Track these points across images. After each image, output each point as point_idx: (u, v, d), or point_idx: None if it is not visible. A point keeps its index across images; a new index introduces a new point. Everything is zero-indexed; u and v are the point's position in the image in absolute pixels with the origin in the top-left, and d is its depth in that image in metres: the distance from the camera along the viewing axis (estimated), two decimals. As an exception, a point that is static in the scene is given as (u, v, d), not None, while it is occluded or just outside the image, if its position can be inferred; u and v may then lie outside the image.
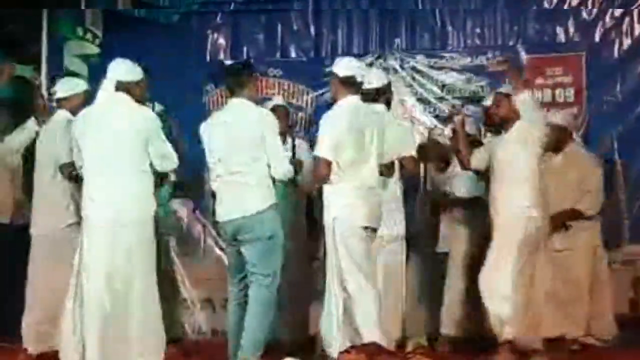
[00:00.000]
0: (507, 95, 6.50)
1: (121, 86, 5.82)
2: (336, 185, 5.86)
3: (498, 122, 6.63)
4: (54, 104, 6.63)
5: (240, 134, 5.78)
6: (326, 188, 5.92)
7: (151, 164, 5.76)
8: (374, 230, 5.97)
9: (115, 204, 5.64)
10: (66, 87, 6.64)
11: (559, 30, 8.70)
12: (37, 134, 6.70)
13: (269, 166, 5.78)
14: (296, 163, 6.30)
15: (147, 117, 5.78)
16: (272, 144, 5.79)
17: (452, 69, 8.80)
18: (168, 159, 5.85)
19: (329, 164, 5.83)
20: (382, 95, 6.53)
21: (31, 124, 6.83)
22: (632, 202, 8.26)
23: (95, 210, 5.67)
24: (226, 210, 5.84)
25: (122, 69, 5.88)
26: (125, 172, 5.68)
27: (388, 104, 6.64)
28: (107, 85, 5.86)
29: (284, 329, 6.72)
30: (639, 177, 8.33)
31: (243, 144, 5.77)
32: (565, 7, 8.69)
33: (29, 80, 7.99)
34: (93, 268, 5.61)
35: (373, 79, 6.53)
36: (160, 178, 6.11)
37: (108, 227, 5.62)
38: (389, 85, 6.75)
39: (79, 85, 6.71)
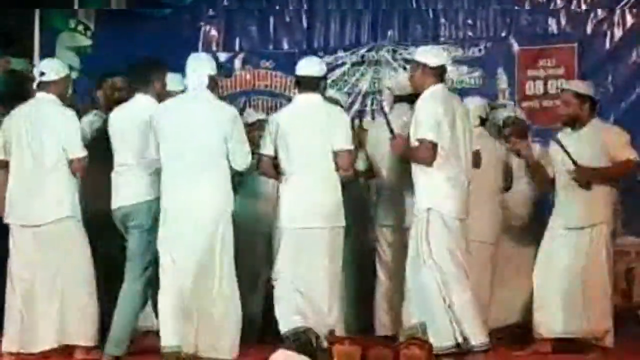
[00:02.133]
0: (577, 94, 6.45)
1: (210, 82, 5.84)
2: (431, 174, 5.83)
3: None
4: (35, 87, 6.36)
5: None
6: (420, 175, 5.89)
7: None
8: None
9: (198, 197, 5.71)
10: (56, 70, 6.38)
11: (551, 21, 8.71)
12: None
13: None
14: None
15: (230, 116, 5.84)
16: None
17: (444, 61, 8.80)
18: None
19: (435, 146, 5.77)
20: None
21: None
22: (624, 195, 8.25)
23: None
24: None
25: (211, 64, 5.91)
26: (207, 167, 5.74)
27: None
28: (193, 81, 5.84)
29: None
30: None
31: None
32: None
33: (23, 73, 7.96)
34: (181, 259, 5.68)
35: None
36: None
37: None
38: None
39: (64, 68, 6.55)
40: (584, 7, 8.63)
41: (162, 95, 6.01)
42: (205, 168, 5.72)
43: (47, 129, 6.17)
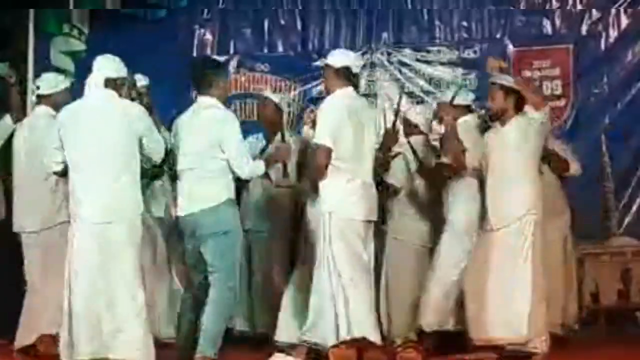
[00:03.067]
0: (502, 87, 6.30)
1: (110, 83, 5.74)
2: (332, 178, 5.82)
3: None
4: (34, 99, 6.58)
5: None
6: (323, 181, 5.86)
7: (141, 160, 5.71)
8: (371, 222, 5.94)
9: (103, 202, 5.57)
10: (50, 84, 6.57)
11: (546, 22, 8.71)
12: (14, 131, 6.65)
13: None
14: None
15: (138, 114, 5.72)
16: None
17: (440, 63, 8.81)
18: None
19: (329, 152, 5.79)
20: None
21: (7, 120, 6.78)
22: (621, 195, 8.27)
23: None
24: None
25: (111, 66, 5.81)
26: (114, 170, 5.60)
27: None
28: (95, 82, 5.75)
29: None
30: (626, 169, 8.34)
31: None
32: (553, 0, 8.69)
33: (4, 78, 7.93)
34: (81, 267, 5.54)
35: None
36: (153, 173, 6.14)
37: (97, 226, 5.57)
38: None
39: (62, 82, 6.66)
40: (578, 8, 8.63)
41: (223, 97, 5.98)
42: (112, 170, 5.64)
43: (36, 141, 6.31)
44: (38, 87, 6.55)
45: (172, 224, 6.55)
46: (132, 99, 6.01)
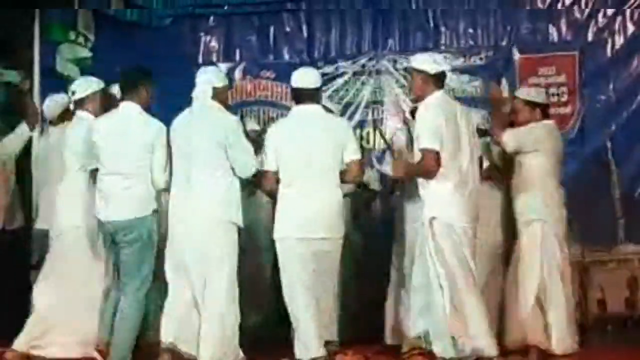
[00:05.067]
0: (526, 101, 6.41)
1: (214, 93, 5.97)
2: (436, 181, 5.76)
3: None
4: (72, 106, 6.58)
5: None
6: (425, 185, 5.82)
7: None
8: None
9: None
10: (84, 87, 6.58)
11: (552, 30, 8.71)
12: (31, 137, 6.69)
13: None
14: None
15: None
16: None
17: (445, 70, 8.79)
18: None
19: (438, 154, 5.71)
20: None
21: (24, 128, 6.83)
22: (627, 202, 8.25)
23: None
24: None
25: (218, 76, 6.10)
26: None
27: None
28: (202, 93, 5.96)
29: None
30: (632, 176, 8.32)
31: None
32: (558, 6, 8.68)
33: (17, 86, 7.95)
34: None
35: None
36: None
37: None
38: None
39: (95, 84, 6.67)
40: (584, 15, 8.62)
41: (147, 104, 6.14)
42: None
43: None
44: (73, 93, 6.55)
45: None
46: None
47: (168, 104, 7.20)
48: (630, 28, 8.53)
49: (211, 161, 5.84)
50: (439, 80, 5.95)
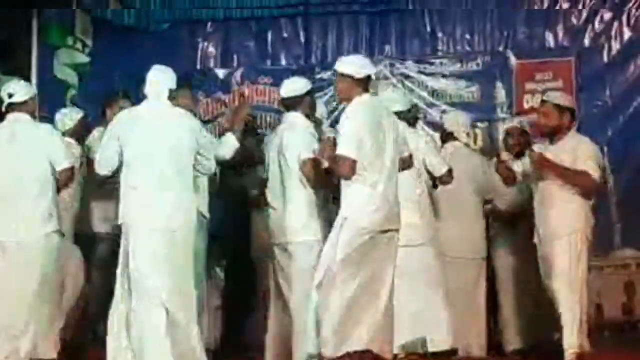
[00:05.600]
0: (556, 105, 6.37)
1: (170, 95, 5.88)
2: (356, 183, 5.70)
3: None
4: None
5: None
6: (345, 184, 5.74)
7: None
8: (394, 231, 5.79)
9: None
10: (25, 90, 6.43)
11: (548, 35, 8.73)
12: None
13: None
14: None
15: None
16: None
17: (442, 75, 8.83)
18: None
19: (354, 162, 5.64)
20: None
21: None
22: (623, 207, 8.27)
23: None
24: None
25: (172, 78, 5.93)
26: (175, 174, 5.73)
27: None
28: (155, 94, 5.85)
29: None
30: (629, 181, 8.34)
31: None
32: (554, 12, 8.69)
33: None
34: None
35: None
36: None
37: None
38: None
39: (33, 88, 6.64)
40: (581, 20, 8.64)
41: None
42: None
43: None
44: (11, 95, 6.33)
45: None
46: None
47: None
48: (627, 34, 8.54)
49: (173, 163, 5.72)
50: (364, 83, 5.85)
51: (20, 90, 6.39)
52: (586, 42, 8.66)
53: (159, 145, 5.67)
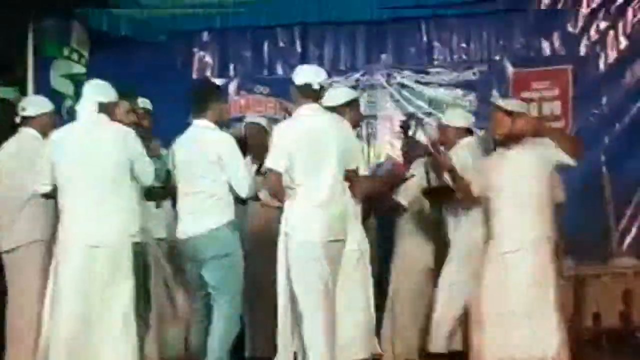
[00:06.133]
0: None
1: (102, 107, 5.78)
2: (292, 198, 5.59)
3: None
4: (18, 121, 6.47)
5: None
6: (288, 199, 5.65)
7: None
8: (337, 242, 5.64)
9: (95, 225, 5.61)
10: (38, 106, 6.53)
11: (545, 44, 8.73)
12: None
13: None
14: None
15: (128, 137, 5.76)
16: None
17: (439, 84, 8.83)
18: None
19: (280, 175, 5.55)
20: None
21: None
22: (621, 215, 8.27)
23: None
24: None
25: (102, 91, 5.85)
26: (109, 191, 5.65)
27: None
28: (86, 106, 5.81)
29: None
30: (626, 190, 8.34)
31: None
32: (551, 21, 8.70)
33: (12, 102, 7.94)
34: (67, 290, 5.55)
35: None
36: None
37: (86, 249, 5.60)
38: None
39: (48, 104, 6.64)
40: (577, 29, 8.65)
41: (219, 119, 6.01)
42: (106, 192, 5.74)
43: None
44: (23, 109, 6.48)
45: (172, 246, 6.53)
46: (134, 123, 6.06)
47: (163, 120, 7.25)
48: (623, 42, 8.55)
49: (99, 179, 5.69)
50: (305, 92, 5.72)
51: (30, 105, 6.55)
52: (582, 50, 8.65)
53: (85, 163, 5.63)
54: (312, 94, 5.67)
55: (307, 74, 5.74)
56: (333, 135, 5.61)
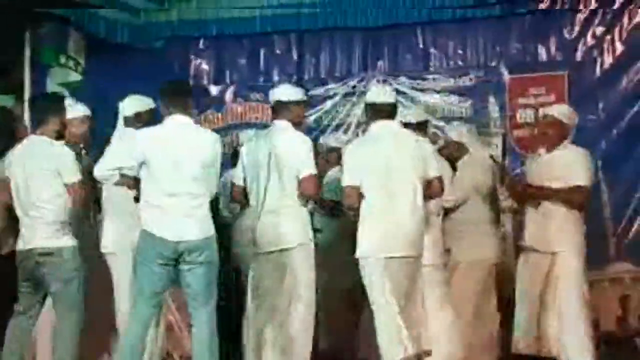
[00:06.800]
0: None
1: None
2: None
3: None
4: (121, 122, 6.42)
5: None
6: None
7: None
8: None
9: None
10: (138, 104, 6.45)
11: (541, 49, 8.73)
12: None
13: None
14: None
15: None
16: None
17: (435, 91, 8.83)
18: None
19: (241, 188, 6.23)
20: None
21: None
22: (618, 221, 8.26)
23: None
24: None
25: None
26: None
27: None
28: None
29: None
30: (623, 195, 8.33)
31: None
32: (547, 26, 8.70)
33: (11, 110, 7.94)
34: None
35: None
36: None
37: None
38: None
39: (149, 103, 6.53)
40: (573, 34, 8.64)
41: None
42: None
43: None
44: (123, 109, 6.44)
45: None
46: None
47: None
48: (619, 47, 8.55)
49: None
50: (275, 108, 6.25)
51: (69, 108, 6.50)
52: (579, 56, 8.65)
53: (26, 175, 5.90)
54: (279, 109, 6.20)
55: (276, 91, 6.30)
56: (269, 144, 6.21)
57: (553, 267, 6.37)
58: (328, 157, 7.44)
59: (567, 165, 6.42)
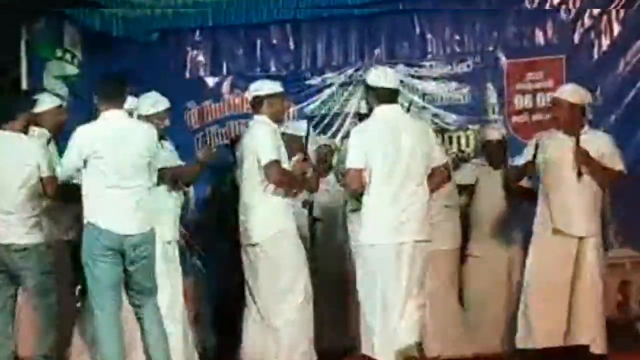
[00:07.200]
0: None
1: None
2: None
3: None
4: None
5: None
6: None
7: None
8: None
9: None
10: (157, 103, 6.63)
11: (538, 33, 8.67)
12: None
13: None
14: None
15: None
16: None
17: (433, 78, 8.79)
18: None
19: None
20: None
21: None
22: (617, 206, 8.22)
23: None
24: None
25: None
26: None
27: None
28: None
29: None
30: (623, 180, 8.28)
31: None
32: (544, 10, 8.65)
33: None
34: None
35: None
36: None
37: None
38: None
39: (51, 101, 6.81)
40: (570, 17, 8.59)
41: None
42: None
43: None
44: (137, 108, 6.55)
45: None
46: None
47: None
48: (616, 29, 8.49)
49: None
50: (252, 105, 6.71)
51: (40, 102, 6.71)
52: (576, 39, 8.60)
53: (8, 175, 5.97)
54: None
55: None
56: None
57: (585, 252, 6.40)
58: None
59: (600, 151, 6.59)
